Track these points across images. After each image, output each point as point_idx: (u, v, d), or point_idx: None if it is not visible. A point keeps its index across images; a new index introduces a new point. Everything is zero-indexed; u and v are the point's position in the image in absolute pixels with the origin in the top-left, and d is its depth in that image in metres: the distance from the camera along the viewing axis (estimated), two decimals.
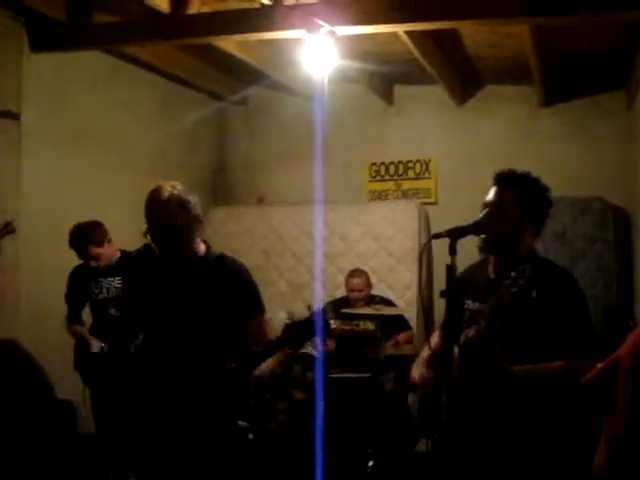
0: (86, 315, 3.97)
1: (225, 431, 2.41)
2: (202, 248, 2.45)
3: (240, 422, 3.02)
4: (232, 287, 2.41)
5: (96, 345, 3.72)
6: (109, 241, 3.80)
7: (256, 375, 2.46)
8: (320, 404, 3.61)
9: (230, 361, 2.30)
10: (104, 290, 3.82)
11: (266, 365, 2.48)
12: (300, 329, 2.29)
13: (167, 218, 2.30)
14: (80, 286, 3.86)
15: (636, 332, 1.47)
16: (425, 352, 2.38)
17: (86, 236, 3.71)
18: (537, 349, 2.03)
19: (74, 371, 3.86)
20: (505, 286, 1.93)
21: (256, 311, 2.48)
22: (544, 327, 2.03)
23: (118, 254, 3.85)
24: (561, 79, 5.11)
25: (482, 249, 2.22)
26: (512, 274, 1.93)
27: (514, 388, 2.02)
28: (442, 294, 2.05)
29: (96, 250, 3.73)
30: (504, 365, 1.99)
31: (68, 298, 3.91)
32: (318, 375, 3.93)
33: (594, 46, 4.44)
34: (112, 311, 3.74)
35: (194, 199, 2.37)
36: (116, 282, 3.81)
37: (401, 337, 4.55)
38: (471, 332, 2.03)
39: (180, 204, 2.33)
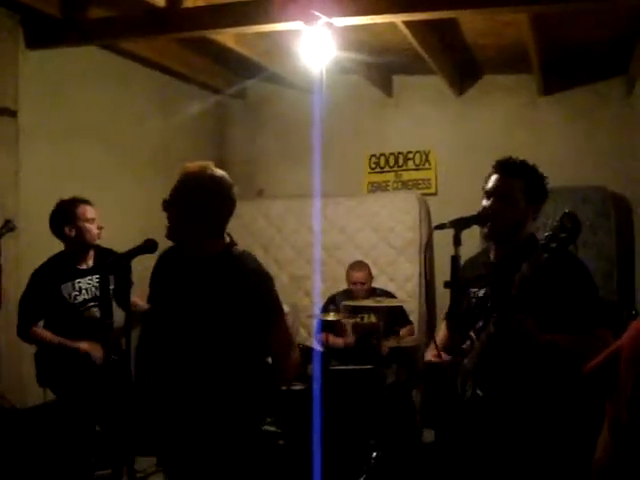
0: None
1: (246, 438, 2.20)
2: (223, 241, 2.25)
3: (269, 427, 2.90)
4: (247, 294, 2.17)
5: (98, 357, 3.30)
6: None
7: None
8: (317, 396, 3.61)
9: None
10: (83, 291, 3.44)
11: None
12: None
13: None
14: (51, 288, 3.37)
15: (638, 321, 1.48)
16: (438, 338, 2.37)
17: (77, 199, 3.44)
18: (548, 327, 2.03)
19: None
20: (538, 252, 1.89)
21: (273, 316, 2.21)
22: (554, 306, 2.04)
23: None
24: (560, 67, 5.09)
25: (487, 237, 2.23)
26: (542, 242, 1.88)
27: (543, 358, 2.01)
28: (446, 285, 2.05)
29: (92, 210, 3.42)
30: (537, 333, 1.98)
31: (29, 301, 3.37)
32: (316, 367, 3.93)
33: (593, 33, 4.42)
34: (95, 313, 3.42)
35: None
36: (95, 281, 3.46)
37: (402, 332, 4.56)
38: (502, 303, 2.00)
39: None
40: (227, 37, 4.38)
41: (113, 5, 4.05)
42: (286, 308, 2.57)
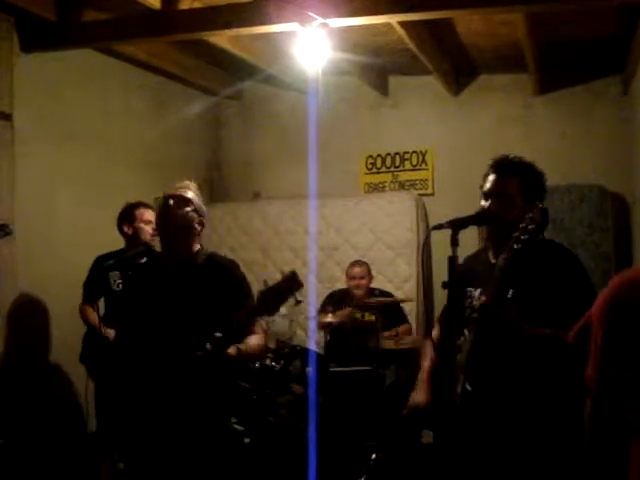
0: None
1: (216, 429, 2.43)
2: (196, 247, 2.58)
3: (236, 426, 2.99)
4: (222, 284, 2.49)
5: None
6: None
7: (244, 349, 2.40)
8: (313, 397, 3.61)
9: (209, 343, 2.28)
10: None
11: (247, 346, 2.43)
12: (274, 293, 2.35)
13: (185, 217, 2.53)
14: (102, 272, 3.72)
15: (605, 291, 1.58)
16: (424, 369, 2.38)
17: (142, 203, 3.81)
18: (541, 320, 2.04)
19: (78, 364, 3.78)
20: (510, 243, 1.99)
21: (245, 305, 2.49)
22: (547, 303, 2.05)
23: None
24: (556, 66, 5.09)
25: (488, 237, 2.24)
26: (514, 233, 1.98)
27: (530, 347, 2.04)
28: (444, 285, 2.05)
29: (151, 215, 3.71)
30: (521, 323, 2.02)
31: (85, 283, 3.82)
32: (312, 367, 3.92)
33: (588, 32, 4.42)
34: None
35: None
36: None
37: (400, 329, 4.55)
38: (483, 298, 2.05)
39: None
40: (222, 39, 4.38)
41: (108, 8, 4.05)
42: (283, 310, 2.58)
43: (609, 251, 4.93)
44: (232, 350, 2.31)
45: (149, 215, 3.78)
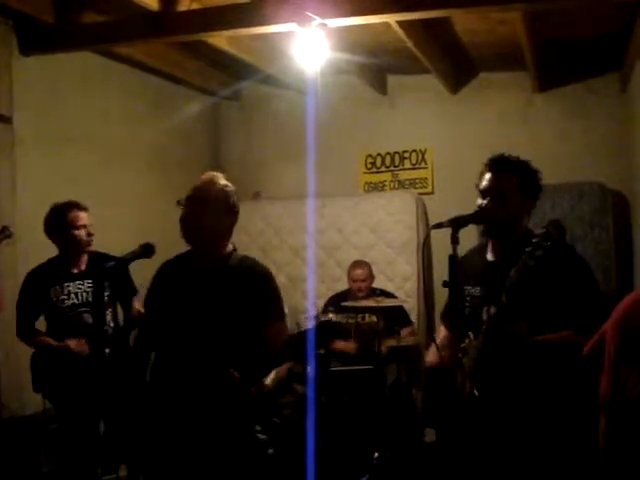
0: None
1: (238, 441, 2.36)
2: (229, 247, 2.48)
3: (259, 435, 2.97)
4: (253, 291, 2.39)
5: (82, 351, 3.27)
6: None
7: (268, 386, 2.42)
8: (311, 397, 3.61)
9: (235, 370, 2.26)
10: (72, 295, 3.40)
11: (270, 379, 2.45)
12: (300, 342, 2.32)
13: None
14: (40, 291, 3.39)
15: (619, 306, 1.61)
16: (439, 338, 2.37)
17: (71, 204, 3.41)
18: (548, 325, 2.04)
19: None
20: (523, 257, 1.95)
21: (276, 317, 2.45)
22: (555, 304, 2.06)
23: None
24: (554, 64, 5.09)
25: (485, 234, 2.24)
26: (527, 249, 1.94)
27: (537, 359, 2.03)
28: (445, 284, 2.05)
29: (84, 216, 3.38)
30: (528, 337, 2.01)
31: (21, 303, 3.41)
32: (311, 370, 3.92)
33: (586, 30, 4.42)
34: (86, 318, 3.37)
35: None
36: (86, 286, 3.42)
37: (403, 332, 4.54)
38: (492, 310, 2.04)
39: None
40: (221, 39, 4.38)
41: (107, 9, 4.05)
42: (285, 309, 2.59)
43: (609, 248, 4.93)
44: (255, 389, 2.34)
45: (82, 219, 3.43)
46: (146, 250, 2.71)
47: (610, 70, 5.15)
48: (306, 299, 5.40)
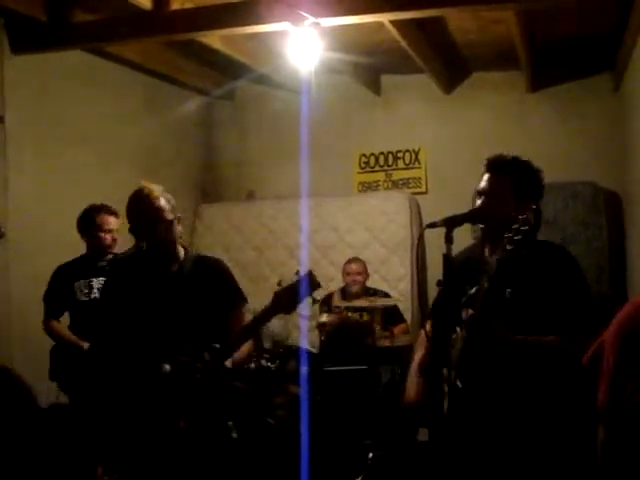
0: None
1: (212, 429, 2.43)
2: (182, 251, 2.57)
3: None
4: (215, 285, 2.52)
5: None
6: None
7: (238, 359, 2.49)
8: (305, 396, 3.61)
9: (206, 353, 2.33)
10: (94, 290, 3.57)
11: (238, 355, 2.48)
12: (289, 293, 2.35)
13: (160, 211, 2.45)
14: (66, 284, 3.58)
15: (619, 315, 1.57)
16: (416, 361, 2.38)
17: (102, 207, 3.64)
18: (537, 326, 2.04)
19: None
20: (502, 243, 1.98)
21: (239, 301, 2.60)
22: (544, 304, 2.05)
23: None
24: (548, 63, 5.10)
25: (484, 233, 2.25)
26: (507, 234, 1.97)
27: (517, 358, 2.04)
28: (439, 283, 2.05)
29: (113, 220, 3.58)
30: (507, 335, 2.02)
31: (49, 297, 3.61)
32: (303, 367, 3.92)
33: (579, 29, 4.43)
34: None
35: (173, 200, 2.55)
36: None
37: (396, 330, 4.55)
38: (470, 311, 2.05)
39: (168, 201, 2.51)
40: (214, 39, 4.37)
41: (99, 8, 4.03)
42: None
43: (602, 247, 4.94)
44: (229, 363, 2.38)
45: (111, 223, 3.64)
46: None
47: (603, 69, 5.17)
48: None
